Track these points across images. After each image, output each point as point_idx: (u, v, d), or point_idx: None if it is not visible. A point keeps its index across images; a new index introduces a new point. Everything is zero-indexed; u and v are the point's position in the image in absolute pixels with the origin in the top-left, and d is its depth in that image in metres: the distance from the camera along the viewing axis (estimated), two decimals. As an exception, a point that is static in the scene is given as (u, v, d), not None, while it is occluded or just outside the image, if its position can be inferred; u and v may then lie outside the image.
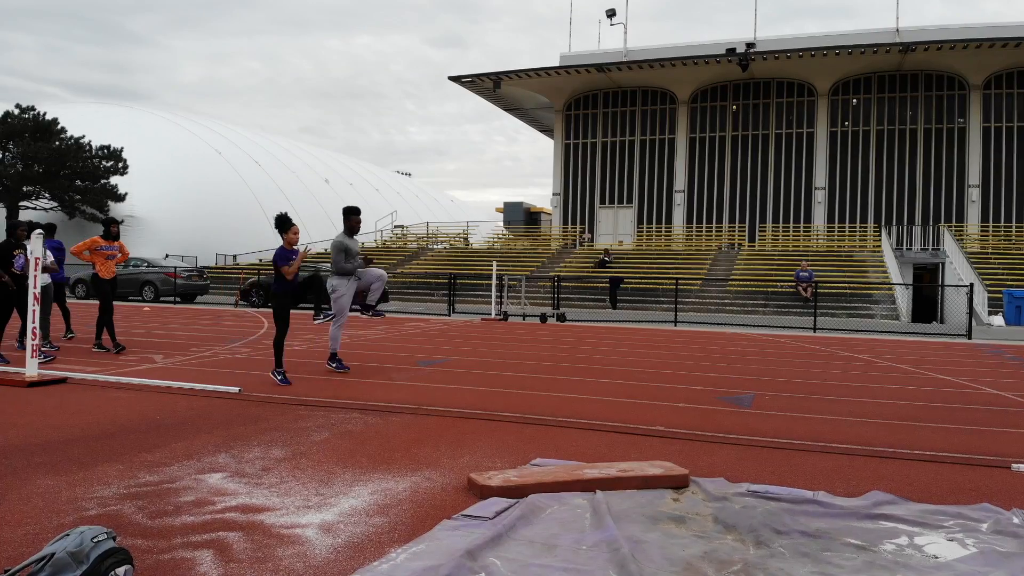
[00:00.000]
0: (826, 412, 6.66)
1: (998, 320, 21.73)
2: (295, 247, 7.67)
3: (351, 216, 8.43)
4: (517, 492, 3.81)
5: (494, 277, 19.91)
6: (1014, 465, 4.76)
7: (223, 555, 2.98)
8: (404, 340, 12.77)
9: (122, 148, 36.71)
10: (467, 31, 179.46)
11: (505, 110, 40.42)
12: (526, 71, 33.98)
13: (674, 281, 21.51)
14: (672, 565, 2.92)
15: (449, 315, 20.35)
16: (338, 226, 10.00)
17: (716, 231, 34.39)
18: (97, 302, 10.23)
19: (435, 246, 37.93)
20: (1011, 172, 30.89)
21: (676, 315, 19.42)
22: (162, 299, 24.82)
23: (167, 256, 31.99)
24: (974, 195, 31.22)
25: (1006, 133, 30.95)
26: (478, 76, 34.42)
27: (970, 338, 16.22)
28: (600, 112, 36.41)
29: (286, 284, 7.62)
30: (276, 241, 9.13)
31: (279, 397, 6.79)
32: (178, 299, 24.99)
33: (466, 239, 39.20)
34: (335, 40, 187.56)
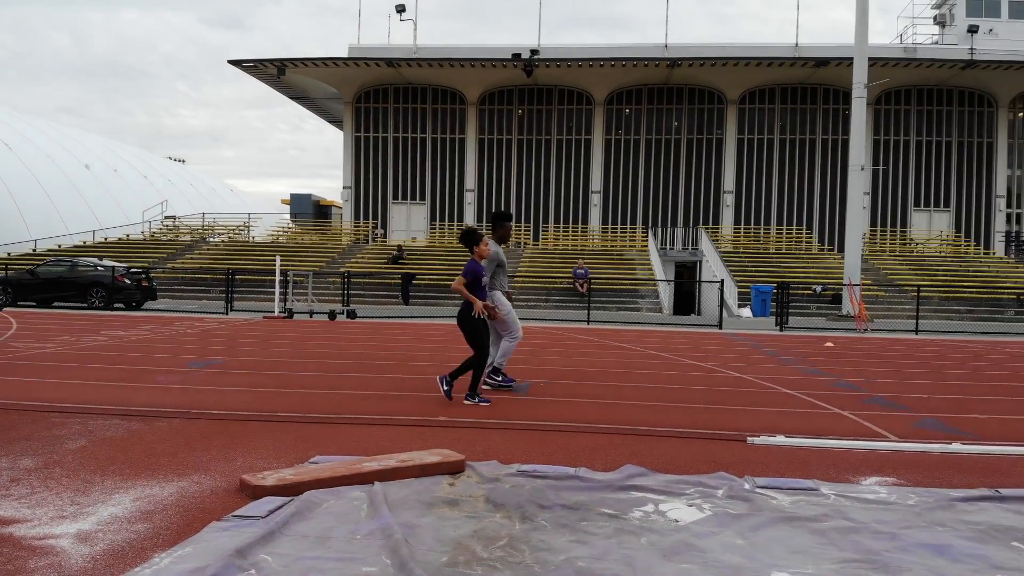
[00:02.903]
0: (592, 396, 7.20)
1: (746, 312, 24.48)
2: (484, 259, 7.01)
3: (503, 223, 7.73)
4: (292, 490, 3.77)
5: (278, 272, 19.17)
6: (749, 438, 5.43)
7: (-50, 578, 2.68)
8: (174, 341, 11.97)
9: None
10: (247, 12, 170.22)
11: (291, 98, 39.03)
12: (313, 60, 33.05)
13: (462, 277, 21.94)
14: (443, 545, 3.06)
15: (227, 313, 19.32)
16: (102, 218, 9.10)
17: (503, 229, 35.52)
18: None
19: (213, 239, 35.75)
20: (760, 179, 34.91)
21: (464, 310, 19.84)
22: None
23: None
24: (728, 200, 34.90)
25: (756, 144, 34.92)
26: (261, 61, 32.92)
27: (721, 328, 18.15)
28: (391, 107, 36.29)
29: (481, 297, 6.84)
30: (31, 231, 8.17)
31: (31, 404, 6.13)
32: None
33: (248, 232, 37.33)
34: (96, 13, 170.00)
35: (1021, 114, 34.35)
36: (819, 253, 32.47)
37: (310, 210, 42.36)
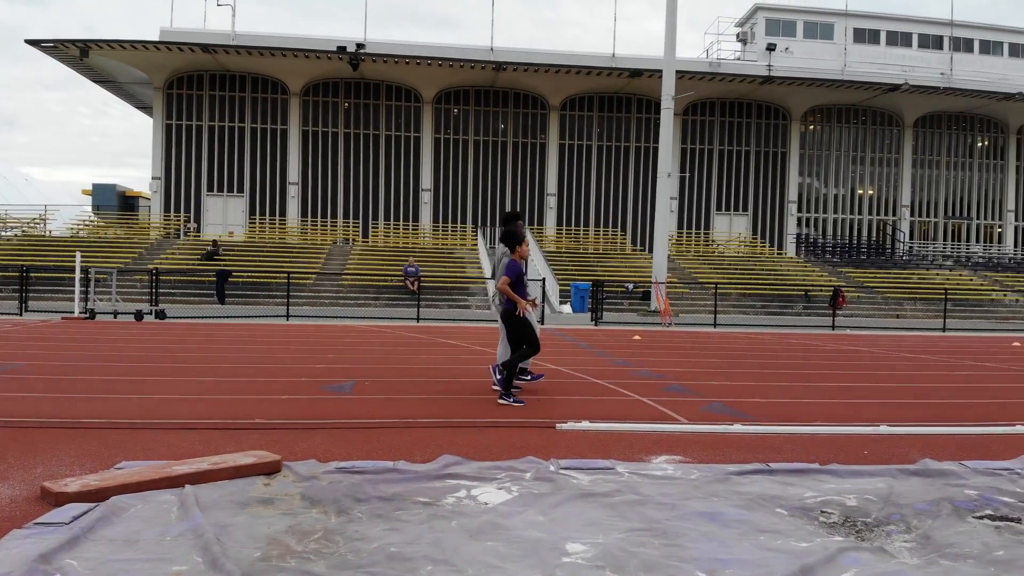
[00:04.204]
0: (416, 392, 7.36)
1: (567, 308, 25.63)
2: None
3: (515, 222, 7.58)
4: (98, 496, 3.64)
5: (78, 270, 17.70)
6: (558, 425, 5.82)
7: None
8: (-43, 344, 10.80)
9: None
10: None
11: (95, 81, 35.96)
12: (120, 42, 30.66)
13: (287, 275, 21.37)
14: (256, 542, 3.10)
15: (21, 315, 17.60)
16: None
17: (331, 225, 34.86)
18: None
19: (4, 233, 32.28)
20: (580, 183, 36.55)
21: (288, 309, 19.34)
22: None
23: None
24: (551, 202, 36.28)
25: (577, 150, 36.51)
26: (62, 42, 30.10)
27: (543, 324, 18.92)
28: (207, 95, 34.42)
29: (523, 297, 6.90)
30: None
31: None
32: None
33: (44, 225, 33.99)
34: None
35: (812, 126, 38.36)
36: (631, 253, 34.58)
37: (114, 202, 39.19)
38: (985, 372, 10.46)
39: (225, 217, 34.74)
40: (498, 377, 7.05)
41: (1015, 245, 39.90)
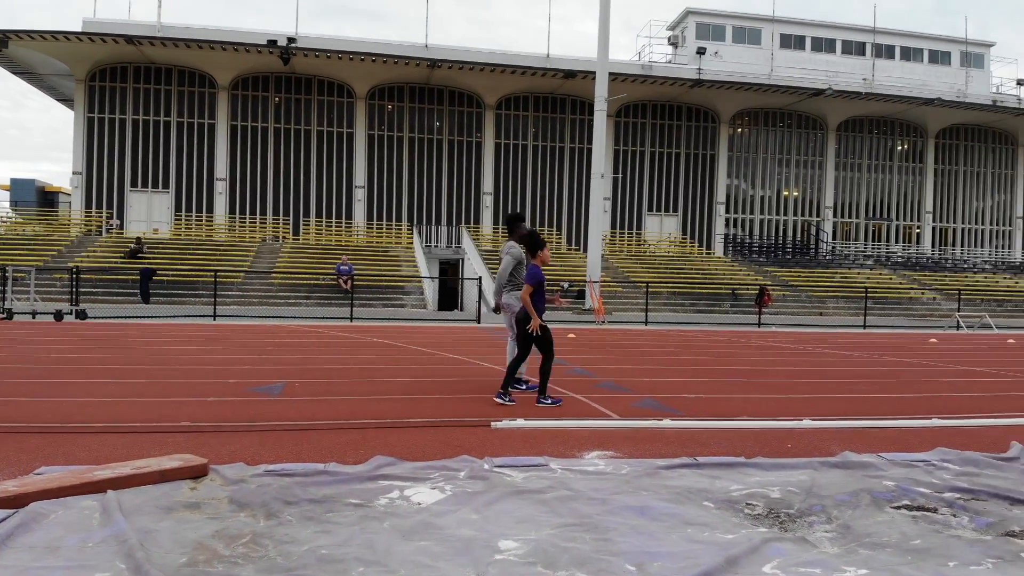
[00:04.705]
0: (349, 393, 7.28)
1: (502, 307, 25.71)
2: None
3: (520, 224, 7.73)
4: (15, 503, 3.49)
5: (-8, 268, 16.88)
6: (493, 423, 5.83)
7: None
8: None
9: None
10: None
11: (13, 72, 34.32)
12: (41, 32, 29.37)
13: (214, 273, 20.83)
14: (182, 547, 3.02)
15: (-73, 314, 16.68)
16: None
17: (260, 223, 34.11)
18: None
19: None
20: (516, 183, 36.68)
21: (216, 309, 18.85)
22: None
23: None
24: (488, 201, 36.31)
25: (513, 149, 36.63)
26: (-24, 31, 28.67)
27: (480, 323, 18.93)
28: (131, 87, 33.25)
29: (541, 304, 6.80)
30: None
31: None
32: None
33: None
34: None
35: (739, 129, 39.42)
36: (567, 252, 34.92)
37: (34, 197, 37.55)
38: (903, 367, 10.95)
39: (150, 214, 33.64)
40: (548, 403, 6.77)
41: (932, 245, 41.84)
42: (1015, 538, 3.36)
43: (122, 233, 31.98)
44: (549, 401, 6.75)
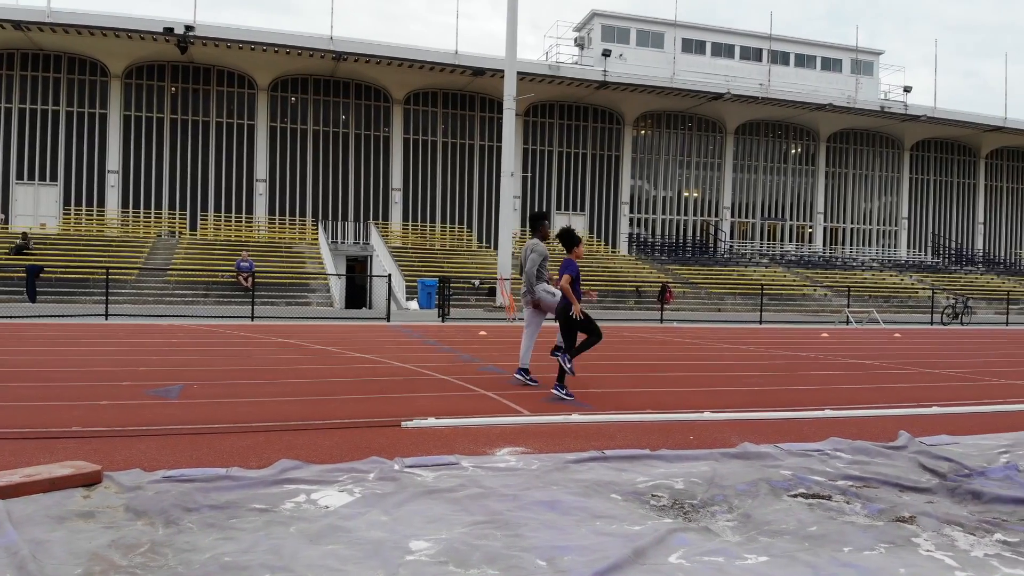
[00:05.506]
0: (251, 395, 7.05)
1: (414, 304, 25.51)
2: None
3: (543, 222, 8.22)
4: None
5: None
6: (403, 423, 5.77)
7: None
8: None
9: None
10: None
11: None
12: (-89, 12, 27.16)
13: (106, 270, 19.77)
14: (76, 558, 2.86)
15: None
16: None
17: (155, 217, 32.63)
18: None
19: None
20: (426, 179, 36.43)
21: (108, 308, 17.91)
22: None
23: None
24: (397, 197, 35.91)
25: (422, 145, 36.31)
26: None
27: (389, 321, 18.73)
28: (18, 75, 31.18)
29: (578, 295, 7.25)
30: None
31: None
32: None
33: None
34: None
35: (643, 131, 40.40)
36: (478, 250, 34.96)
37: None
38: (797, 361, 11.50)
39: (36, 208, 31.66)
40: (568, 366, 7.07)
41: (824, 244, 44.10)
42: (905, 523, 3.58)
43: (7, 228, 29.96)
44: (564, 392, 7.04)
